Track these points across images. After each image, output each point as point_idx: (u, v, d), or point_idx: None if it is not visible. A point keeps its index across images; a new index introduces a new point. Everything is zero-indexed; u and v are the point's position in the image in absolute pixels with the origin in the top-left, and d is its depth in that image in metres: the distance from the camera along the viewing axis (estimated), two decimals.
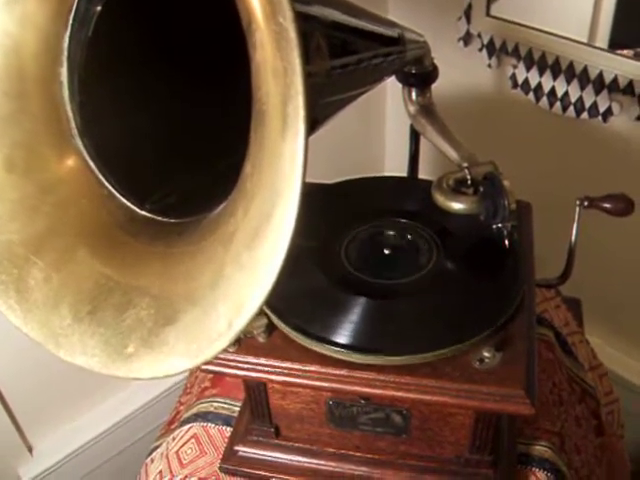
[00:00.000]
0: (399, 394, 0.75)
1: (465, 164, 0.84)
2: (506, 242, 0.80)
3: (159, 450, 1.02)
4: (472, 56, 1.46)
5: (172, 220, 0.63)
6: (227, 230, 0.49)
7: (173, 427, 1.04)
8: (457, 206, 0.80)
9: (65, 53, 0.65)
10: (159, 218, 0.63)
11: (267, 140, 0.43)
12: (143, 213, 0.64)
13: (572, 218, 0.89)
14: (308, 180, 0.99)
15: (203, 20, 0.63)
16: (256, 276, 0.45)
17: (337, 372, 0.75)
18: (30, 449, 1.43)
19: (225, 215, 0.52)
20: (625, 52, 1.23)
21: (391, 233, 0.89)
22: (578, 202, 0.88)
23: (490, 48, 1.42)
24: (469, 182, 0.83)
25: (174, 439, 0.98)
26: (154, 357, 0.53)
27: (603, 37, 1.25)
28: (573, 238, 0.90)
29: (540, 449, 0.92)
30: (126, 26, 0.65)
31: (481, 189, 0.81)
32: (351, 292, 0.80)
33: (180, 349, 0.51)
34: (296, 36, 0.39)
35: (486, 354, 0.73)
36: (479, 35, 1.43)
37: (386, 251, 0.85)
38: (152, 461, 1.03)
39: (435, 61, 0.93)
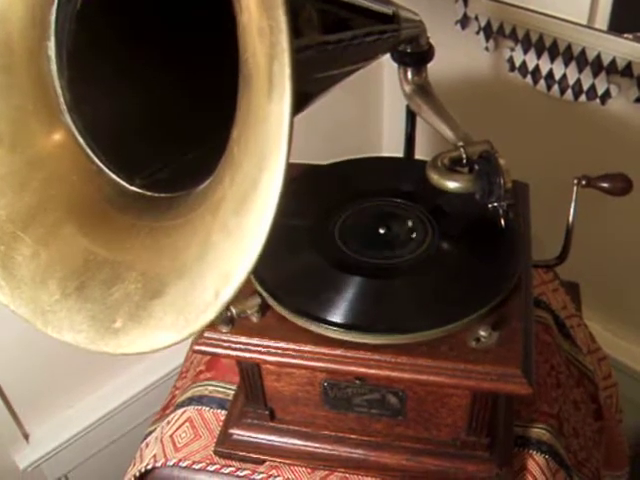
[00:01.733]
0: (394, 374, 0.74)
1: (460, 143, 0.83)
2: (502, 221, 0.79)
3: (154, 435, 1.02)
4: (469, 39, 1.45)
5: (162, 195, 0.62)
6: (215, 199, 0.49)
7: (168, 411, 1.03)
8: (452, 185, 0.79)
9: (52, 26, 0.64)
10: (149, 193, 0.63)
11: (253, 103, 0.42)
12: (133, 188, 0.63)
13: (571, 199, 0.88)
14: (305, 161, 0.98)
15: None
16: (243, 243, 0.44)
17: (332, 352, 0.74)
18: (26, 436, 1.42)
19: (213, 185, 0.51)
20: (624, 35, 1.22)
21: (386, 212, 0.88)
22: (576, 181, 0.88)
23: (487, 31, 1.40)
24: (464, 161, 0.82)
25: (169, 423, 0.97)
26: (141, 331, 0.52)
27: (602, 20, 1.24)
28: (571, 218, 0.89)
29: (538, 432, 0.91)
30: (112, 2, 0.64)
31: (476, 167, 0.80)
32: (346, 271, 0.79)
33: (167, 322, 0.50)
34: None
35: (482, 333, 0.72)
36: (476, 18, 1.41)
37: (381, 230, 0.84)
38: (147, 445, 1.02)
39: (432, 44, 0.91)
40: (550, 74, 1.34)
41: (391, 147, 1.79)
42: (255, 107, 0.42)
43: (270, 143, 0.41)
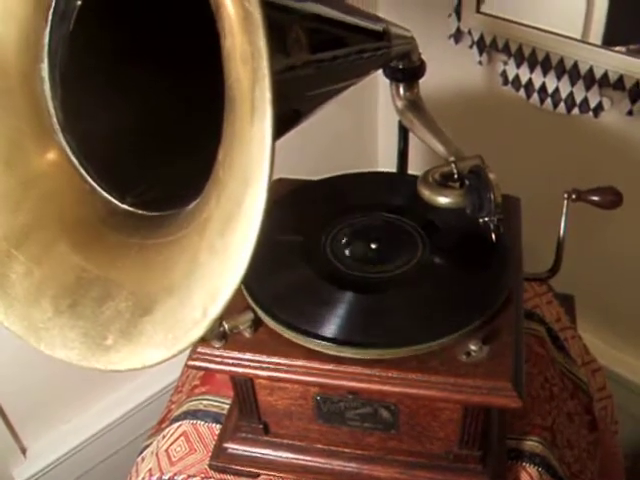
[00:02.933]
0: (385, 388, 0.74)
1: (452, 158, 0.83)
2: (492, 236, 0.80)
3: (149, 449, 1.02)
4: (463, 53, 1.46)
5: (153, 213, 0.63)
6: (202, 219, 0.49)
7: (164, 426, 1.04)
8: (442, 200, 0.79)
9: (46, 48, 0.65)
10: (140, 211, 0.63)
11: (237, 126, 0.43)
12: (124, 207, 0.64)
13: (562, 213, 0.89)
14: (300, 176, 0.99)
15: (179, 9, 0.63)
16: (229, 262, 0.45)
17: (324, 366, 0.75)
18: (23, 451, 1.42)
19: (201, 205, 0.52)
20: (616, 48, 1.23)
21: (377, 227, 0.88)
22: (566, 195, 0.88)
23: (480, 45, 1.42)
24: (455, 176, 0.82)
25: (164, 437, 0.98)
26: (132, 348, 0.53)
27: (597, 34, 1.25)
28: (562, 232, 0.90)
29: (531, 444, 0.91)
30: (105, 20, 0.65)
31: (467, 183, 0.80)
32: (337, 286, 0.79)
33: (157, 340, 0.51)
34: (261, 19, 0.39)
35: (473, 347, 0.73)
36: (469, 32, 1.43)
37: (372, 245, 0.85)
38: (142, 460, 1.03)
39: (425, 58, 0.92)
40: (543, 88, 1.35)
41: (386, 161, 1.80)
42: (239, 130, 0.43)
43: (253, 165, 0.42)
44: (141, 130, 0.69)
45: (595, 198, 0.88)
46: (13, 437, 1.38)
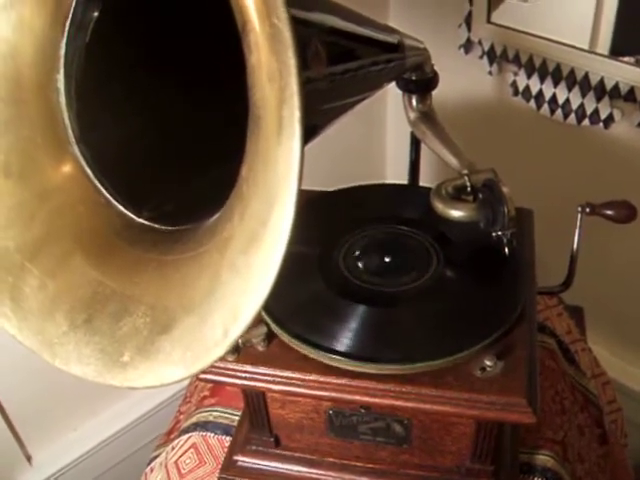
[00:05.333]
0: (399, 403, 0.74)
1: (465, 171, 0.83)
2: (506, 250, 0.79)
3: (158, 460, 1.02)
4: (473, 63, 1.46)
5: (169, 228, 0.62)
6: (223, 236, 0.49)
7: (172, 437, 1.03)
8: (456, 213, 0.79)
9: (62, 60, 0.64)
10: (156, 226, 0.63)
11: (263, 144, 0.43)
12: (140, 221, 0.64)
13: (574, 225, 0.88)
14: (309, 187, 0.99)
15: (199, 23, 0.63)
16: (252, 282, 0.44)
17: (337, 381, 0.75)
18: (29, 459, 1.42)
19: (222, 221, 0.51)
20: (626, 59, 1.23)
21: (391, 240, 0.88)
22: (580, 209, 0.88)
23: (491, 55, 1.41)
24: (468, 189, 0.82)
25: (173, 448, 0.97)
26: (149, 366, 0.52)
27: (604, 44, 1.25)
28: (575, 245, 0.89)
29: (543, 458, 0.91)
30: (123, 32, 0.64)
31: (480, 196, 0.80)
32: (351, 300, 0.79)
33: (176, 358, 0.50)
34: (291, 37, 0.38)
35: (487, 363, 0.72)
36: (480, 42, 1.42)
37: (386, 259, 0.84)
38: (151, 470, 1.02)
39: (436, 69, 0.92)
40: (553, 98, 1.35)
41: (395, 174, 1.80)
42: (264, 148, 0.43)
43: (280, 184, 0.41)
44: (158, 143, 0.69)
45: (609, 212, 0.88)
46: (19, 445, 1.37)
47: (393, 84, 0.92)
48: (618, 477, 1.17)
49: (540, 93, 1.37)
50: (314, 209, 0.93)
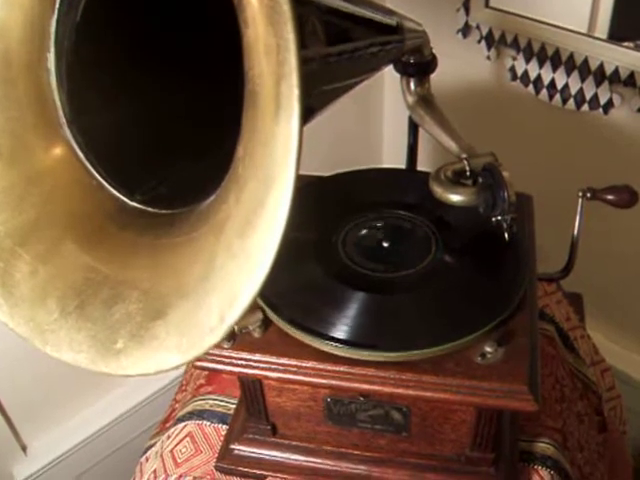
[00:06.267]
0: (399, 391, 0.73)
1: (464, 155, 0.82)
2: (505, 235, 0.78)
3: (154, 449, 1.00)
4: (471, 48, 1.44)
5: (163, 211, 0.60)
6: (218, 218, 0.47)
7: (168, 425, 1.02)
8: (455, 198, 0.78)
9: (52, 38, 0.62)
10: (150, 209, 0.61)
11: (260, 122, 0.41)
12: (133, 204, 0.62)
13: (574, 210, 0.87)
14: (306, 173, 0.97)
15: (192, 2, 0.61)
16: (248, 266, 0.43)
17: (335, 368, 0.73)
18: (24, 448, 1.41)
19: (217, 203, 0.50)
20: (625, 44, 1.21)
21: (390, 225, 0.87)
22: (581, 194, 0.86)
23: (489, 40, 1.40)
24: (468, 173, 0.81)
25: (169, 437, 0.96)
26: (143, 353, 0.51)
27: (603, 28, 1.23)
28: (576, 231, 0.88)
29: (543, 446, 0.90)
30: (114, 12, 0.63)
31: (480, 180, 0.78)
32: (349, 286, 0.78)
33: (170, 344, 0.49)
34: (290, 10, 0.36)
35: (488, 349, 0.71)
36: (478, 27, 1.41)
37: (385, 244, 0.83)
38: (147, 460, 1.01)
39: (435, 54, 0.91)
40: (552, 83, 1.33)
41: (391, 158, 1.78)
42: (261, 126, 0.41)
43: (277, 164, 0.40)
44: (152, 126, 0.67)
45: (610, 197, 0.86)
46: (13, 434, 1.36)
47: (391, 68, 0.90)
48: (617, 464, 1.16)
49: (539, 78, 1.35)
50: (311, 194, 0.92)
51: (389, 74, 0.91)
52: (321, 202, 0.91)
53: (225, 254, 0.45)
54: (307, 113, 0.63)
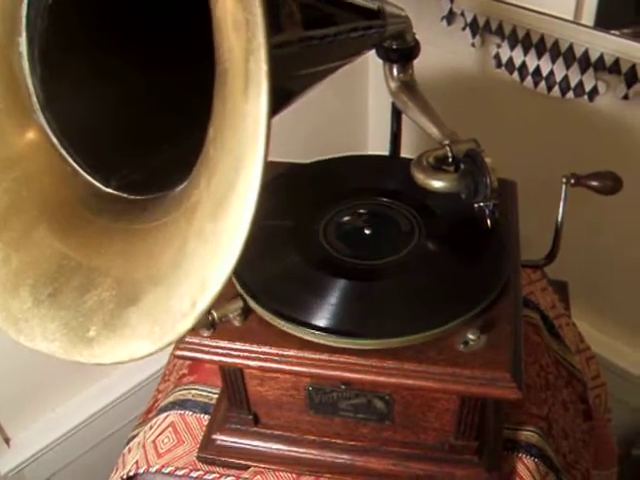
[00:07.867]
0: (381, 379, 0.72)
1: (446, 141, 0.81)
2: (488, 221, 0.77)
3: (136, 439, 1.00)
4: (455, 35, 1.43)
5: (138, 197, 0.59)
6: (190, 203, 0.46)
7: (151, 416, 1.01)
8: (437, 184, 0.77)
9: (24, 21, 0.61)
10: (125, 195, 0.60)
11: (229, 101, 0.40)
12: (108, 190, 0.61)
13: (559, 197, 0.86)
14: (287, 159, 0.96)
15: None
16: (219, 250, 0.42)
17: (316, 356, 0.73)
18: (7, 440, 1.40)
19: (189, 188, 0.49)
20: (612, 31, 1.21)
21: (371, 213, 0.86)
22: (564, 180, 0.86)
23: (473, 27, 1.39)
24: (450, 160, 0.80)
25: (151, 428, 0.95)
26: (116, 341, 0.50)
27: (589, 15, 1.23)
28: (560, 217, 0.88)
29: (527, 434, 0.90)
30: None
31: (462, 166, 0.78)
32: (330, 273, 0.77)
33: (143, 332, 0.48)
34: None
35: (471, 336, 0.71)
36: (462, 13, 1.40)
37: (366, 231, 0.82)
38: (129, 451, 1.00)
39: (418, 40, 0.90)
40: (537, 70, 1.33)
41: (376, 145, 1.78)
42: (231, 105, 0.40)
43: (246, 144, 0.39)
44: (124, 112, 0.66)
45: (594, 183, 0.86)
46: None
47: (374, 53, 0.89)
48: (601, 451, 1.16)
49: (524, 65, 1.34)
50: (293, 181, 0.91)
51: (373, 60, 0.90)
52: (302, 189, 0.90)
53: (197, 239, 0.45)
54: (286, 96, 0.62)
